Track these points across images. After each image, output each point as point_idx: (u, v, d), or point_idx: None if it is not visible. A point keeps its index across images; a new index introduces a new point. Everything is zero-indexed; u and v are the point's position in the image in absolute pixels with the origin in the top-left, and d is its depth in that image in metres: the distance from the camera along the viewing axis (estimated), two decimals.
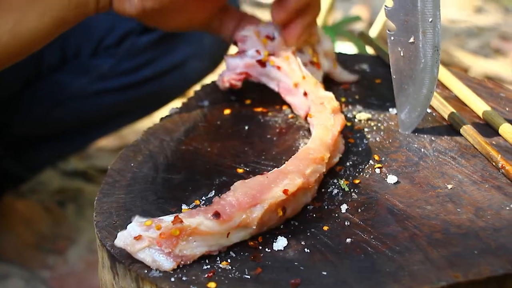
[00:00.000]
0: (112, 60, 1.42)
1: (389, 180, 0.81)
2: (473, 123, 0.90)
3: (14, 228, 1.65)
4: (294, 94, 0.91)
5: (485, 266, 0.69)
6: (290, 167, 0.76)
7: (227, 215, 0.70)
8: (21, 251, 1.64)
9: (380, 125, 0.91)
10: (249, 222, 0.70)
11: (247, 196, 0.71)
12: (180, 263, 0.68)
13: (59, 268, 1.65)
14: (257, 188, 0.72)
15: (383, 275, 0.68)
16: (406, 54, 0.85)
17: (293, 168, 0.76)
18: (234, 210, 0.70)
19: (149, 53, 1.43)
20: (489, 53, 2.50)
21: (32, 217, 1.68)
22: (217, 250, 0.70)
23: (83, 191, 1.87)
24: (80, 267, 1.64)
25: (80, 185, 1.90)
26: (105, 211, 0.76)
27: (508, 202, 0.78)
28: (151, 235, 0.68)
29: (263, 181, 0.73)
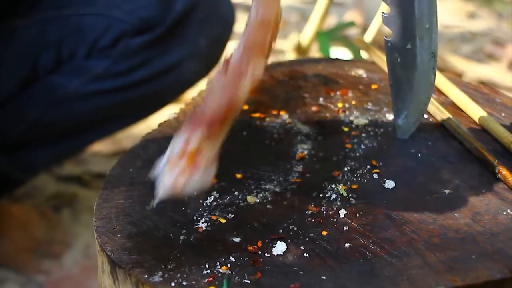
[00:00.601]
0: (106, 61, 1.42)
1: (387, 185, 0.82)
2: (469, 128, 0.91)
3: (9, 233, 1.65)
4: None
5: (482, 270, 0.69)
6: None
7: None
8: (16, 256, 1.64)
9: (377, 130, 0.92)
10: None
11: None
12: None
13: (54, 273, 1.65)
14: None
15: (381, 279, 0.68)
16: (403, 60, 0.86)
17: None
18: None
19: (143, 55, 1.43)
20: (483, 58, 2.51)
21: (27, 221, 1.68)
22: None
23: (78, 196, 1.87)
24: (76, 271, 1.64)
25: (75, 190, 1.90)
26: (105, 216, 0.77)
27: (505, 207, 0.78)
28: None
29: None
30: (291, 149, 0.88)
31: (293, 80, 1.02)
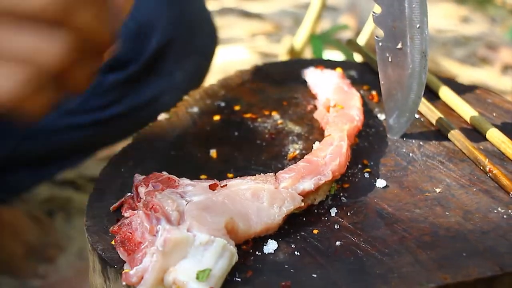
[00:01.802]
0: (80, 97, 1.40)
1: (378, 184, 0.82)
2: (460, 128, 0.91)
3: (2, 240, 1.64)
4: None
5: (473, 268, 0.70)
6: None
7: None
8: (10, 261, 1.64)
9: (368, 130, 0.92)
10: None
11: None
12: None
13: (49, 277, 1.65)
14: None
15: (372, 277, 0.68)
16: (394, 60, 0.86)
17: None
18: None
19: (118, 91, 1.41)
20: (476, 62, 2.52)
21: (19, 227, 1.68)
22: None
23: (73, 200, 1.87)
24: (71, 274, 1.64)
25: (69, 194, 1.90)
26: (96, 215, 0.77)
27: (495, 205, 0.79)
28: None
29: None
30: (283, 149, 0.88)
31: (284, 81, 1.02)
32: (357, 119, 0.86)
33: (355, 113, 0.86)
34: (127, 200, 0.75)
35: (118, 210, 0.77)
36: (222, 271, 0.65)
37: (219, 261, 0.65)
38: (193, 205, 0.70)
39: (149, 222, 0.68)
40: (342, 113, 0.86)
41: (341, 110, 0.86)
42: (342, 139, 0.81)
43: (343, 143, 0.80)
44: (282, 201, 0.74)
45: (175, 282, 0.64)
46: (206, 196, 0.72)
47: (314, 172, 0.77)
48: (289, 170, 0.77)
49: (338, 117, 0.85)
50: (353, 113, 0.86)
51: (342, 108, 0.87)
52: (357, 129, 0.85)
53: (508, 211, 0.78)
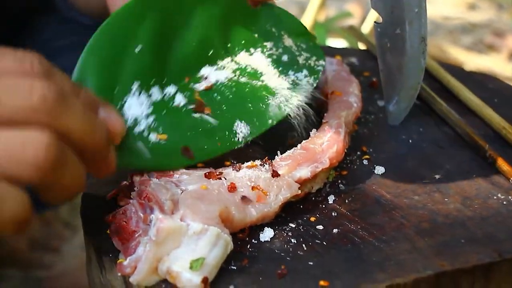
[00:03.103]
0: None
1: (377, 171, 0.81)
2: (461, 114, 0.90)
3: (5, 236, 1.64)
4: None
5: (472, 254, 0.69)
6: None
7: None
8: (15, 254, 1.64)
9: (368, 116, 0.91)
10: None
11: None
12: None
13: (53, 267, 1.65)
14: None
15: (369, 264, 0.68)
16: (393, 45, 0.85)
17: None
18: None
19: None
20: (483, 49, 2.50)
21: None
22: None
23: None
24: (75, 265, 1.64)
25: None
26: (92, 204, 0.76)
27: (495, 191, 0.78)
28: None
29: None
30: (281, 136, 0.87)
31: None
32: (355, 106, 0.85)
33: (353, 100, 0.85)
34: (122, 189, 0.74)
35: (114, 199, 0.76)
36: (217, 259, 0.65)
37: (213, 250, 0.65)
38: (187, 194, 0.69)
39: (143, 211, 0.68)
40: (340, 100, 0.85)
41: (339, 97, 0.86)
42: (340, 126, 0.80)
43: (340, 130, 0.79)
44: (279, 189, 0.73)
45: (169, 271, 0.63)
46: (201, 184, 0.71)
47: (311, 160, 0.76)
48: (285, 158, 0.76)
49: (336, 104, 0.85)
50: (351, 100, 0.85)
51: (340, 95, 0.86)
52: (355, 116, 0.84)
53: (508, 197, 0.77)
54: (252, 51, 0.83)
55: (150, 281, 0.65)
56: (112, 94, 0.72)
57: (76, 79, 0.71)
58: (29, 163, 0.58)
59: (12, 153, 0.57)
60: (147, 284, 0.65)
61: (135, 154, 0.72)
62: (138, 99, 0.73)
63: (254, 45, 0.84)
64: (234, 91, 0.80)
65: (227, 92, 0.79)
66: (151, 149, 0.72)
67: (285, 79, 0.82)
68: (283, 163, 0.76)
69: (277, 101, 0.80)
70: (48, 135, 0.58)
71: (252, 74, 0.82)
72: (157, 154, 0.73)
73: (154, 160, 0.73)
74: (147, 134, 0.73)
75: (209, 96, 0.78)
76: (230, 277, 0.66)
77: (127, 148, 0.71)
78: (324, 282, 0.65)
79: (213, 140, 0.76)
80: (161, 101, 0.75)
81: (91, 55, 0.72)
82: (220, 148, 0.77)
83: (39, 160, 0.58)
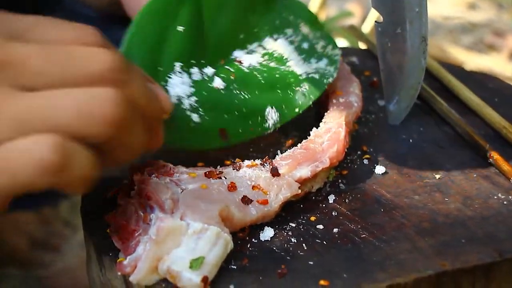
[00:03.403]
0: None
1: (377, 170, 0.81)
2: (461, 113, 0.90)
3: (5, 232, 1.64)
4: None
5: (472, 254, 0.69)
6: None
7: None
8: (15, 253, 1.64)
9: (368, 116, 0.91)
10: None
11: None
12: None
13: (53, 266, 1.65)
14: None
15: (370, 264, 0.68)
16: (393, 45, 0.85)
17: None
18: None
19: None
20: (483, 48, 2.50)
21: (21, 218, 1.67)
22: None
23: None
24: (75, 264, 1.63)
25: None
26: (92, 202, 0.76)
27: (496, 191, 0.78)
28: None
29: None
30: (281, 136, 0.87)
31: None
32: (356, 105, 0.84)
33: (353, 100, 0.85)
34: (122, 187, 0.74)
35: (114, 198, 0.76)
36: (216, 259, 0.65)
37: (213, 249, 0.65)
38: (187, 193, 0.69)
39: (143, 210, 0.68)
40: (340, 100, 0.85)
41: (340, 97, 0.85)
42: (340, 126, 0.80)
43: (341, 130, 0.79)
44: (279, 188, 0.73)
45: (169, 271, 0.63)
46: (202, 184, 0.71)
47: (311, 159, 0.76)
48: (285, 157, 0.76)
49: (337, 104, 0.84)
50: (352, 100, 0.85)
51: (341, 94, 0.86)
52: (356, 116, 0.84)
53: (509, 197, 0.77)
54: (276, 37, 0.85)
55: (150, 280, 0.65)
56: (157, 73, 0.74)
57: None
58: (99, 120, 0.59)
59: (83, 110, 0.59)
60: (147, 283, 0.65)
61: (178, 132, 0.74)
62: (181, 79, 0.75)
63: (277, 32, 0.85)
64: (265, 76, 0.81)
65: (259, 77, 0.81)
66: (192, 129, 0.74)
67: (308, 66, 0.84)
68: (284, 163, 0.76)
69: (303, 89, 0.82)
70: (117, 94, 0.60)
71: (279, 60, 0.83)
72: (197, 134, 0.75)
73: (194, 139, 0.75)
74: (189, 114, 0.75)
75: (243, 80, 0.80)
76: (230, 277, 0.66)
77: (171, 125, 0.72)
78: (324, 282, 0.65)
79: (247, 124, 0.78)
80: (200, 82, 0.77)
81: (137, 34, 0.74)
82: (252, 132, 0.79)
83: (108, 116, 0.59)
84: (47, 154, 0.57)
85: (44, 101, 0.59)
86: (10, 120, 0.58)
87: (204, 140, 0.76)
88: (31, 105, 0.58)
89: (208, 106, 0.76)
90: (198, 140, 0.76)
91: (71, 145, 0.59)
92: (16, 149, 0.58)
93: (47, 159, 0.57)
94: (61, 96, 0.59)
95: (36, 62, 0.59)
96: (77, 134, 0.59)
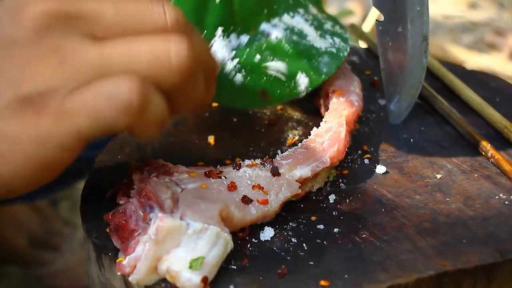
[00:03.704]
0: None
1: (378, 170, 0.81)
2: (462, 113, 0.90)
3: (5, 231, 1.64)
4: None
5: (473, 255, 0.68)
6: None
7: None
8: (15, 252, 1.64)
9: (369, 115, 0.91)
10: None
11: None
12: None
13: (53, 265, 1.65)
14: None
15: (370, 264, 0.67)
16: (394, 44, 0.84)
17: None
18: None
19: None
20: (483, 48, 2.50)
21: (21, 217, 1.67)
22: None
23: (77, 188, 1.87)
24: (74, 263, 1.63)
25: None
26: (91, 202, 0.76)
27: (497, 191, 0.77)
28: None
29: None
30: (282, 135, 0.87)
31: None
32: (357, 104, 0.84)
33: (354, 99, 0.85)
34: (122, 187, 0.74)
35: (113, 197, 0.76)
36: (216, 259, 0.64)
37: (213, 249, 0.64)
38: (187, 193, 0.68)
39: (143, 210, 0.67)
40: (341, 99, 0.85)
41: (341, 96, 0.85)
42: (341, 125, 0.80)
43: (341, 129, 0.79)
44: (279, 188, 0.73)
45: (169, 271, 0.63)
46: (201, 183, 0.71)
47: (311, 159, 0.76)
48: (286, 156, 0.76)
49: (337, 103, 0.84)
50: (353, 99, 0.85)
51: (341, 93, 0.86)
52: (356, 115, 0.84)
53: (510, 197, 0.76)
54: (292, 14, 0.88)
55: (149, 280, 0.65)
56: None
57: None
58: (174, 66, 0.62)
59: (159, 56, 0.61)
60: (146, 283, 0.65)
61: (224, 91, 0.80)
62: (222, 43, 0.81)
63: (291, 10, 0.88)
64: (291, 46, 0.85)
65: (287, 47, 0.85)
66: (236, 89, 0.80)
67: (324, 42, 0.87)
68: (284, 162, 0.75)
69: (325, 59, 0.86)
70: (188, 43, 0.62)
71: (299, 34, 0.87)
72: (241, 94, 0.81)
73: (238, 99, 0.82)
74: (233, 75, 0.81)
75: (273, 49, 0.84)
76: (230, 277, 0.66)
77: (218, 85, 0.74)
78: (324, 282, 0.65)
79: (284, 86, 0.83)
80: (239, 47, 0.83)
81: (180, 1, 0.79)
82: (289, 94, 0.83)
83: (183, 63, 0.62)
84: (130, 95, 0.59)
85: (121, 48, 0.61)
86: (86, 67, 0.60)
87: (247, 99, 0.82)
88: (108, 51, 0.60)
89: (248, 69, 0.82)
90: (242, 99, 0.82)
91: (149, 87, 0.61)
92: (98, 91, 0.59)
93: (130, 99, 0.59)
94: (138, 43, 0.61)
95: (107, 15, 0.62)
96: (153, 79, 0.61)
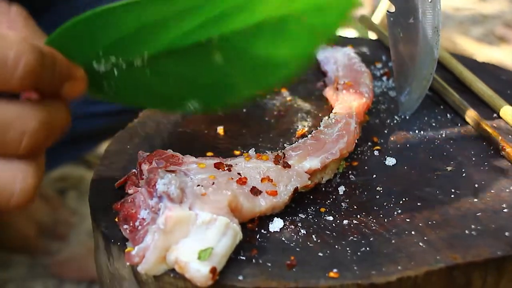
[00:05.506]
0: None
1: (388, 162, 0.80)
2: (473, 105, 0.89)
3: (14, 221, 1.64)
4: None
5: (484, 247, 0.68)
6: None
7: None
8: (23, 240, 1.64)
9: (379, 107, 0.90)
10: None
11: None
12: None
13: (61, 254, 1.65)
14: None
15: (380, 256, 0.67)
16: (406, 35, 0.84)
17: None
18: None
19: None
20: (493, 40, 2.49)
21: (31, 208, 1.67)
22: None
23: (85, 178, 1.87)
24: (81, 252, 1.64)
25: (81, 173, 1.90)
26: (100, 192, 0.76)
27: (508, 184, 0.77)
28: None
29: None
30: (291, 126, 0.87)
31: None
32: (366, 96, 0.84)
33: (364, 90, 0.84)
34: (131, 177, 0.74)
35: (122, 187, 0.76)
36: (225, 249, 0.64)
37: (222, 240, 0.64)
38: (196, 183, 0.68)
39: (151, 200, 0.67)
40: (351, 91, 0.84)
41: (350, 87, 0.85)
42: (351, 117, 0.79)
43: (351, 121, 0.79)
44: (289, 179, 0.73)
45: (177, 261, 0.63)
46: (211, 174, 0.70)
47: (321, 150, 0.75)
48: (295, 148, 0.76)
49: (347, 95, 0.84)
50: (362, 90, 0.84)
51: (351, 85, 0.85)
52: (366, 107, 0.83)
53: None
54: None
55: (158, 270, 0.64)
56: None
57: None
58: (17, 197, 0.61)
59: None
60: (155, 273, 0.65)
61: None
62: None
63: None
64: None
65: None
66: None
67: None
68: (293, 153, 0.75)
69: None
70: (33, 173, 0.62)
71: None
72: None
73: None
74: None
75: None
76: (239, 267, 0.65)
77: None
78: (333, 274, 0.64)
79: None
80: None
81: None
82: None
83: (26, 193, 0.61)
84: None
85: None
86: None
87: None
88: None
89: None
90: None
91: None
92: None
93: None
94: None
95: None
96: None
